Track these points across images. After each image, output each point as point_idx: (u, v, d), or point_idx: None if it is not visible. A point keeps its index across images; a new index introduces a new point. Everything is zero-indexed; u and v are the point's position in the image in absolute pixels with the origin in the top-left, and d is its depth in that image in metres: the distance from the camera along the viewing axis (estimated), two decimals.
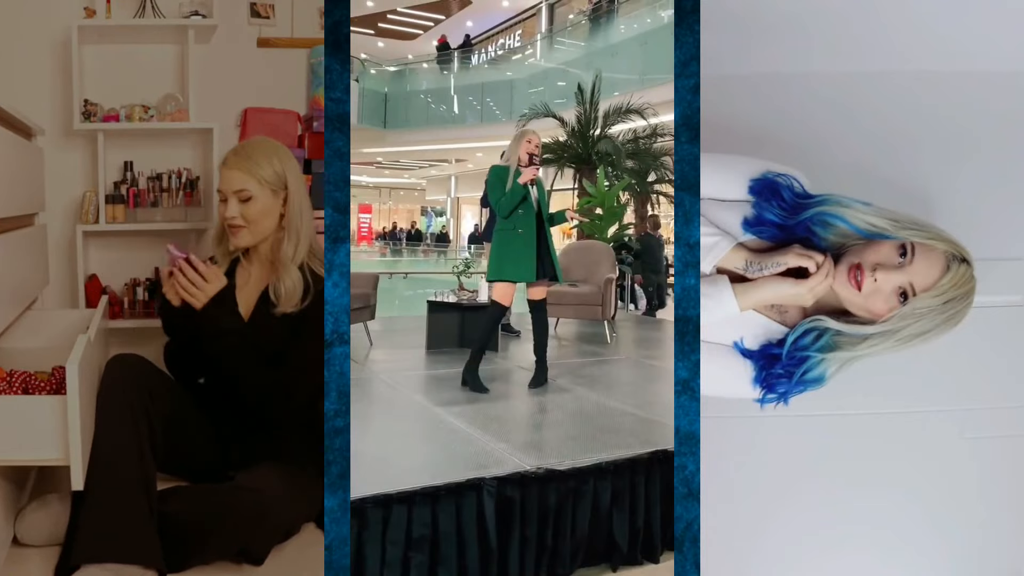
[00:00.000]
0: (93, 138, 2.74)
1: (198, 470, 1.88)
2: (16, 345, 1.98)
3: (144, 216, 2.78)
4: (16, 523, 1.72)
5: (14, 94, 2.28)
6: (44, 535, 1.71)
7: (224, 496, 1.70)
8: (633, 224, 7.96)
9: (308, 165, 2.85)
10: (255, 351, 1.80)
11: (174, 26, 2.77)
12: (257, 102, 2.90)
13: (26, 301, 2.25)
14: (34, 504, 1.74)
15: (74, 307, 2.72)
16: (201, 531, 1.65)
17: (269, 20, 2.94)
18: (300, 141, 2.94)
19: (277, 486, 1.72)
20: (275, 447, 1.85)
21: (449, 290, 4.35)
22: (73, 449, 1.54)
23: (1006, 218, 1.73)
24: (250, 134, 2.82)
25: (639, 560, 2.06)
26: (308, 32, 2.94)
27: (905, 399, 1.75)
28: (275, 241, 1.85)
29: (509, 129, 7.54)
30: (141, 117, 2.77)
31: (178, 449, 1.79)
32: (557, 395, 3.01)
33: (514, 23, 13.26)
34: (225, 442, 1.88)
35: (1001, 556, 1.82)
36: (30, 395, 1.66)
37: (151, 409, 1.67)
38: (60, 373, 1.69)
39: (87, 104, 2.73)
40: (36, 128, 2.48)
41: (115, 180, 2.78)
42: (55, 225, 2.72)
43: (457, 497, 1.87)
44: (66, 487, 1.61)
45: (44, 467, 1.80)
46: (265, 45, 2.93)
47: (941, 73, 1.73)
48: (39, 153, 2.52)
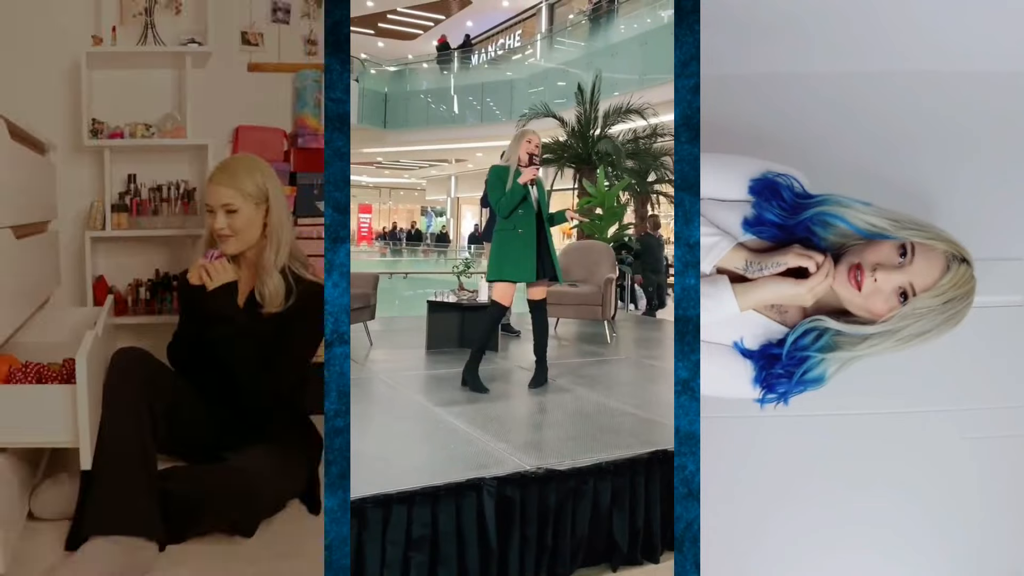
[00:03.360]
0: (100, 153, 3.03)
1: (194, 452, 2.05)
2: (30, 340, 2.17)
3: (146, 223, 3.04)
4: (31, 499, 1.90)
5: (29, 113, 2.50)
6: (56, 510, 1.88)
7: (218, 475, 1.88)
8: (633, 224, 7.96)
9: (293, 178, 3.13)
10: (248, 341, 1.96)
11: (173, 52, 3.09)
12: (247, 120, 3.21)
13: (40, 300, 2.47)
14: (47, 482, 1.92)
15: (83, 305, 2.97)
16: (197, 507, 1.82)
17: (258, 47, 3.30)
18: (286, 156, 3.22)
19: (265, 466, 1.90)
20: (263, 431, 2.02)
21: (449, 290, 4.35)
22: (82, 433, 1.72)
23: (1006, 218, 1.73)
24: (241, 150, 3.11)
25: (639, 560, 2.05)
26: (293, 57, 3.33)
27: (905, 399, 1.75)
28: (259, 248, 2.03)
29: (509, 129, 7.55)
30: (143, 134, 3.05)
31: (176, 433, 1.94)
32: (557, 395, 3.01)
33: (514, 23, 13.26)
34: (219, 426, 2.04)
35: (1001, 556, 1.82)
36: (44, 384, 1.84)
37: (152, 397, 1.83)
38: (70, 365, 1.84)
39: (95, 123, 3.01)
40: (49, 144, 2.77)
41: (120, 191, 3.07)
42: (66, 231, 3.00)
43: (457, 497, 1.87)
44: (76, 467, 1.77)
45: (56, 449, 1.96)
46: (255, 69, 3.28)
47: (941, 73, 1.73)
48: (51, 167, 2.80)
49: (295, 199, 2.98)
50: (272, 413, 2.04)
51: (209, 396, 2.03)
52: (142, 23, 3.12)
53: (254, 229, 2.01)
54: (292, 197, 2.96)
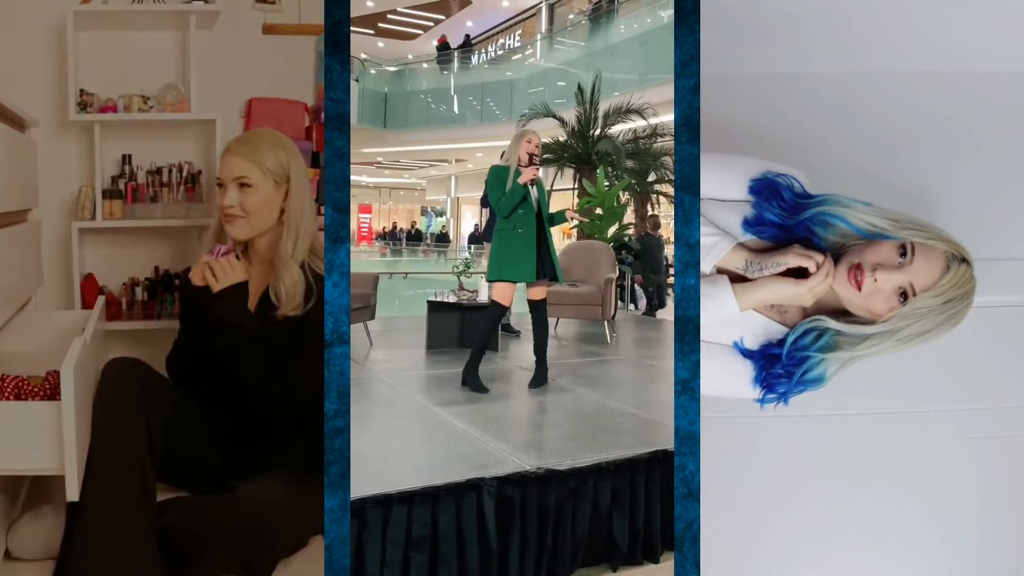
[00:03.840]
0: (89, 130, 2.61)
1: (199, 479, 1.79)
2: (8, 348, 1.90)
3: (143, 212, 2.63)
4: (8, 536, 1.63)
5: (6, 83, 2.18)
6: (38, 549, 1.62)
7: (224, 507, 1.64)
8: (633, 224, 7.97)
9: (316, 158, 2.68)
10: (260, 351, 1.73)
11: (175, 11, 2.63)
12: (262, 92, 2.74)
13: (19, 302, 2.17)
14: (27, 516, 1.65)
15: (69, 308, 2.59)
16: (201, 544, 1.57)
17: (275, 5, 2.77)
18: (307, 133, 2.78)
19: (280, 496, 1.64)
20: (278, 455, 1.78)
21: (449, 290, 4.35)
22: (68, 458, 1.44)
23: (1006, 218, 1.73)
24: (255, 125, 2.68)
25: (639, 560, 2.06)
26: (315, 18, 2.66)
27: (905, 399, 1.75)
28: (274, 236, 1.77)
29: (509, 129, 7.55)
30: (140, 108, 2.62)
31: (178, 457, 1.71)
32: (557, 395, 3.01)
33: (514, 23, 13.27)
34: (227, 450, 1.79)
35: (1001, 556, 1.82)
36: (23, 401, 1.56)
37: (150, 416, 1.60)
38: (54, 378, 1.59)
39: (83, 94, 2.59)
40: (29, 119, 2.39)
41: (112, 174, 2.65)
42: (49, 221, 2.59)
43: (457, 497, 1.87)
44: (60, 498, 1.50)
45: (38, 477, 1.73)
46: (271, 32, 2.78)
47: (941, 73, 1.73)
48: (32, 146, 2.42)
49: (317, 184, 2.50)
50: (287, 432, 1.77)
51: (214, 413, 1.80)
52: None
53: (269, 212, 1.75)
54: (315, 181, 2.49)
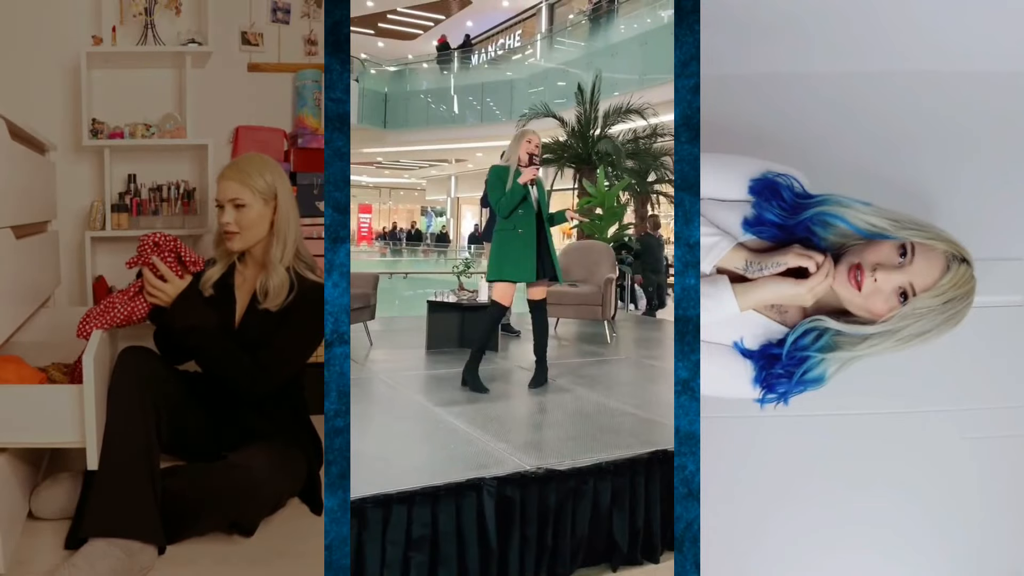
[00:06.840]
0: (100, 153, 3.08)
1: (194, 450, 2.06)
2: (30, 339, 2.23)
3: (146, 223, 3.09)
4: (32, 499, 1.94)
5: (29, 113, 2.53)
6: (56, 510, 1.93)
7: (217, 474, 1.88)
8: (633, 224, 7.96)
9: (293, 177, 3.10)
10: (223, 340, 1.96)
11: (173, 52, 3.12)
12: (247, 120, 3.24)
13: (40, 299, 2.49)
14: (48, 482, 1.96)
15: (83, 305, 2.98)
16: (197, 506, 1.83)
17: (258, 47, 3.33)
18: (286, 156, 3.24)
19: (264, 464, 1.90)
20: (262, 429, 2.03)
21: (449, 290, 4.35)
22: (88, 433, 1.75)
23: (1006, 218, 1.73)
24: (241, 150, 3.12)
25: (639, 560, 2.05)
26: (294, 57, 3.36)
27: (905, 399, 1.75)
28: (265, 244, 2.04)
29: (509, 129, 7.55)
30: (143, 134, 3.08)
31: (178, 432, 1.96)
32: (557, 395, 3.01)
33: (514, 23, 13.25)
34: (218, 425, 2.05)
35: (1001, 556, 1.82)
36: (51, 384, 1.89)
37: (157, 398, 1.85)
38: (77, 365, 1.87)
39: (95, 123, 3.05)
40: (49, 144, 2.78)
41: (120, 191, 3.11)
42: (66, 231, 3.01)
43: (457, 497, 1.87)
44: (76, 467, 1.83)
45: (57, 448, 1.99)
46: (255, 70, 3.32)
47: (941, 73, 1.73)
48: (52, 167, 2.80)
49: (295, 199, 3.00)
50: (269, 409, 2.05)
51: (208, 394, 2.04)
52: (142, 23, 3.15)
53: (261, 226, 2.02)
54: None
